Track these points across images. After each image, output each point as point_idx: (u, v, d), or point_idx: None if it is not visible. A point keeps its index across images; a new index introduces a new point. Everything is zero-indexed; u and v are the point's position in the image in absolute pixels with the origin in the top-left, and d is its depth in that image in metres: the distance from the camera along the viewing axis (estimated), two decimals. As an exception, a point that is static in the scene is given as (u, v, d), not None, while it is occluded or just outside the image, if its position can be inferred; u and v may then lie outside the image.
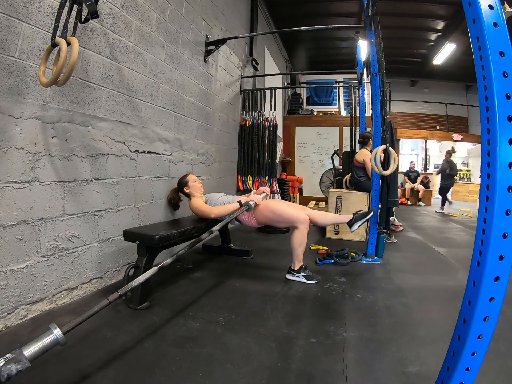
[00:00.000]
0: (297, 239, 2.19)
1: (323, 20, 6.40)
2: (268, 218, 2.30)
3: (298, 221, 2.19)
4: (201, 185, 2.61)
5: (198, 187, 2.56)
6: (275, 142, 4.30)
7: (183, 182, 2.56)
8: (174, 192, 2.64)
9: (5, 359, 0.79)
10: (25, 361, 0.81)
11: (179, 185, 2.59)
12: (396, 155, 2.56)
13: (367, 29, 2.72)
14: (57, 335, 0.91)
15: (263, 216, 2.30)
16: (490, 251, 0.69)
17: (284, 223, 2.30)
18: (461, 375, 0.74)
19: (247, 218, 2.36)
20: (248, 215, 2.34)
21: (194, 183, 2.55)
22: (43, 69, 1.38)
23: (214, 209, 2.32)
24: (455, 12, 5.97)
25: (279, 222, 2.31)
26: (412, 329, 1.57)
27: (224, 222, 1.99)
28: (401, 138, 8.90)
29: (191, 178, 2.57)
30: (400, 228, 4.26)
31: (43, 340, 0.89)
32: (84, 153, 1.83)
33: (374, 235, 2.81)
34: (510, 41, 0.69)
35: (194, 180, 2.57)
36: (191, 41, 2.96)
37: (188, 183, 2.54)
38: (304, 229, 2.19)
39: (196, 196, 2.53)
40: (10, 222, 1.44)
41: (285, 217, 2.24)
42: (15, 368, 0.78)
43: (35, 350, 0.86)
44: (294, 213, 2.22)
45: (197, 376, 1.17)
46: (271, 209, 2.27)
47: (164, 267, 1.42)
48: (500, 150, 0.68)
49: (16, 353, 0.82)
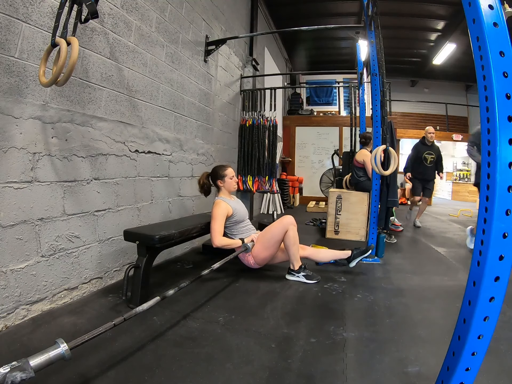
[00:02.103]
0: (289, 239, 2.19)
1: (323, 20, 6.40)
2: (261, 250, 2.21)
3: (286, 225, 2.18)
4: (236, 184, 2.40)
5: (233, 185, 2.35)
6: (275, 142, 4.30)
7: (220, 173, 2.32)
8: (205, 178, 2.39)
9: (10, 366, 0.82)
10: (30, 371, 0.84)
11: (214, 174, 2.36)
12: (396, 155, 2.56)
13: (367, 29, 2.72)
14: (63, 350, 0.94)
15: (258, 252, 2.22)
16: (490, 251, 0.69)
17: (277, 242, 2.20)
18: (461, 375, 0.74)
19: (245, 258, 2.29)
20: (246, 255, 2.27)
21: (231, 180, 2.33)
22: (43, 69, 1.38)
23: (221, 240, 2.17)
24: (455, 12, 5.96)
25: (272, 246, 2.20)
26: (412, 329, 1.57)
27: (224, 261, 1.88)
28: (401, 138, 8.89)
29: (230, 172, 2.34)
30: (400, 228, 4.25)
31: (50, 353, 0.91)
32: (84, 153, 1.83)
33: (374, 235, 2.81)
34: (510, 41, 0.69)
35: (232, 176, 2.34)
36: (191, 41, 2.96)
37: (225, 177, 2.32)
38: (293, 228, 2.19)
39: (225, 196, 2.34)
40: (10, 222, 1.44)
41: (274, 232, 2.19)
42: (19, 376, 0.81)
43: (41, 361, 0.89)
44: (278, 222, 2.21)
45: (197, 376, 1.17)
46: (259, 239, 2.23)
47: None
48: (500, 150, 0.68)
49: (22, 362, 0.84)
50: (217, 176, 2.34)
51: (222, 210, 2.21)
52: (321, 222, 4.56)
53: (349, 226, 3.69)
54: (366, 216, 3.54)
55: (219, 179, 2.33)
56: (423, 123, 10.05)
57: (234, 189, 2.38)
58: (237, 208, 2.32)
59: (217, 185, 2.37)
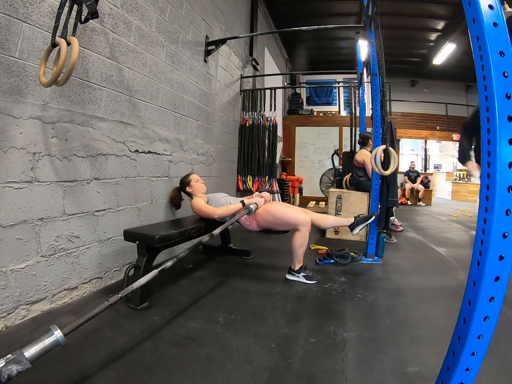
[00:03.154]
0: (298, 240, 2.18)
1: (323, 20, 6.40)
2: (269, 222, 2.27)
3: (299, 223, 2.17)
4: (203, 185, 2.59)
5: (200, 186, 2.54)
6: (275, 142, 4.30)
7: (186, 181, 2.54)
8: (175, 191, 2.61)
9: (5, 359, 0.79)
10: (25, 362, 0.81)
11: (181, 184, 2.57)
12: (396, 155, 2.56)
13: (367, 29, 2.72)
14: (58, 336, 0.90)
15: (263, 220, 2.27)
16: (490, 251, 0.69)
17: (285, 226, 2.26)
18: (461, 375, 0.74)
19: (248, 221, 2.32)
20: (249, 218, 2.30)
21: (196, 183, 2.53)
22: (43, 69, 1.38)
23: (218, 210, 2.29)
24: (455, 12, 5.97)
25: (280, 225, 2.28)
26: (412, 329, 1.57)
27: (225, 225, 1.95)
28: (401, 138, 8.91)
29: (194, 177, 2.55)
30: (400, 228, 4.26)
31: (44, 342, 0.88)
32: (84, 153, 1.83)
33: (374, 235, 2.80)
34: (510, 41, 0.69)
35: (197, 180, 2.55)
36: (191, 41, 2.96)
37: (191, 182, 2.52)
38: (305, 231, 2.18)
39: (198, 196, 2.51)
40: (10, 222, 1.44)
41: (286, 220, 2.21)
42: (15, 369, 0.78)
43: (36, 351, 0.86)
44: (295, 216, 2.20)
45: (197, 376, 1.17)
46: (272, 213, 2.24)
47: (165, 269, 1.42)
48: (500, 150, 0.68)
49: (17, 354, 0.82)
50: (184, 184, 2.55)
51: (201, 201, 2.42)
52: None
53: (349, 226, 3.69)
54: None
55: (187, 186, 2.53)
56: (423, 123, 10.09)
57: (204, 191, 2.57)
58: (211, 196, 2.54)
59: (188, 193, 2.56)
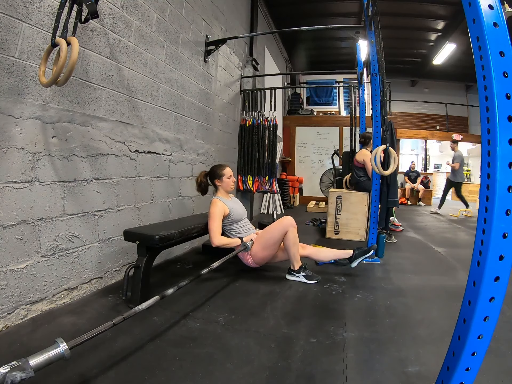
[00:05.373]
0: (289, 240, 2.19)
1: (323, 20, 6.40)
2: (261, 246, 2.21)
3: (286, 226, 2.18)
4: (234, 183, 2.40)
5: (231, 185, 2.35)
6: (275, 142, 4.30)
7: (218, 173, 2.32)
8: (203, 176, 2.37)
9: (10, 366, 0.82)
10: (29, 370, 0.84)
11: (212, 173, 2.35)
12: (396, 155, 2.56)
13: (367, 29, 2.72)
14: (63, 349, 0.93)
15: (257, 250, 2.22)
16: (490, 251, 0.69)
17: (275, 239, 2.19)
18: (461, 375, 0.74)
19: (244, 257, 2.29)
20: (245, 254, 2.27)
21: (228, 180, 2.32)
22: (43, 69, 1.38)
23: (220, 239, 2.17)
24: (455, 12, 5.97)
25: (271, 245, 2.19)
26: (412, 329, 1.57)
27: (223, 260, 1.88)
28: (401, 138, 8.90)
29: (228, 172, 2.33)
30: (400, 228, 4.26)
31: (49, 353, 0.91)
32: (84, 153, 1.83)
33: (374, 235, 2.81)
34: (510, 41, 0.69)
35: (230, 176, 2.33)
36: (191, 41, 2.96)
37: (223, 177, 2.31)
38: (293, 230, 2.19)
39: (222, 196, 2.34)
40: (10, 222, 1.44)
41: (272, 231, 2.19)
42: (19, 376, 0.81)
43: (41, 361, 0.89)
44: (278, 221, 2.22)
45: (197, 376, 1.17)
46: (259, 236, 2.24)
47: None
48: (500, 150, 0.68)
49: (22, 362, 0.84)
50: (215, 175, 2.34)
51: (219, 209, 2.20)
52: (321, 222, 4.55)
53: (349, 226, 3.69)
54: (366, 216, 3.54)
55: (217, 179, 2.33)
56: (423, 123, 10.09)
57: (231, 189, 2.38)
58: (234, 207, 2.32)
59: (215, 185, 2.37)
